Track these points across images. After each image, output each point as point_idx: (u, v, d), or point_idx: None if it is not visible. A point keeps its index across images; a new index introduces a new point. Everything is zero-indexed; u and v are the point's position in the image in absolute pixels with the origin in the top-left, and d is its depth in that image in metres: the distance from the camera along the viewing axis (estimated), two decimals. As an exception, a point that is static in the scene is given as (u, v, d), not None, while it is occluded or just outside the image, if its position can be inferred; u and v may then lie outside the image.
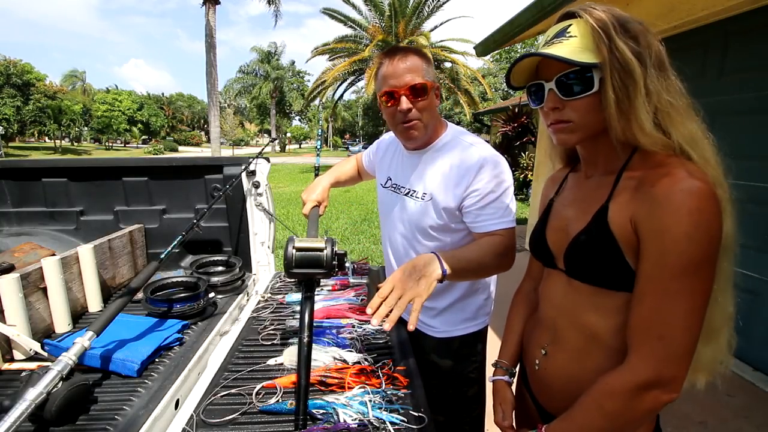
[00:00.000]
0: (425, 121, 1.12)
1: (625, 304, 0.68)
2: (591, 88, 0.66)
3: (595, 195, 0.74)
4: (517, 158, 9.81)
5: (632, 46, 0.64)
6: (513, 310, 1.01)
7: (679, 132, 0.65)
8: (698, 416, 2.09)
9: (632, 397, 0.63)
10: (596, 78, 0.66)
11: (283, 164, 22.51)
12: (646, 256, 0.64)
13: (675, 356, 0.61)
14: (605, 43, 0.64)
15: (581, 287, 0.74)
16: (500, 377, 0.95)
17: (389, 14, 15.31)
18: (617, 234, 0.67)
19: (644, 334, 0.64)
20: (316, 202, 1.31)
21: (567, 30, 0.68)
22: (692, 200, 0.59)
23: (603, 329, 0.72)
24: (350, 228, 6.69)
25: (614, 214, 0.68)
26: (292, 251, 0.77)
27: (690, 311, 0.61)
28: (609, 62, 0.63)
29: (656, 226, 0.62)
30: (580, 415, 0.70)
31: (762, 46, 2.39)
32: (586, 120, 0.69)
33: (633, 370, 0.64)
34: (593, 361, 0.73)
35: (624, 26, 0.65)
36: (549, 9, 3.87)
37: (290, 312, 1.39)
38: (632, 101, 0.64)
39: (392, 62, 1.09)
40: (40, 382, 0.77)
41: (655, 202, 0.62)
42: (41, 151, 36.04)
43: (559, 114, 0.71)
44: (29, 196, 1.76)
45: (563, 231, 0.79)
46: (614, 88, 0.64)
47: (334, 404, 0.87)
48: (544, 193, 0.95)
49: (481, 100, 19.50)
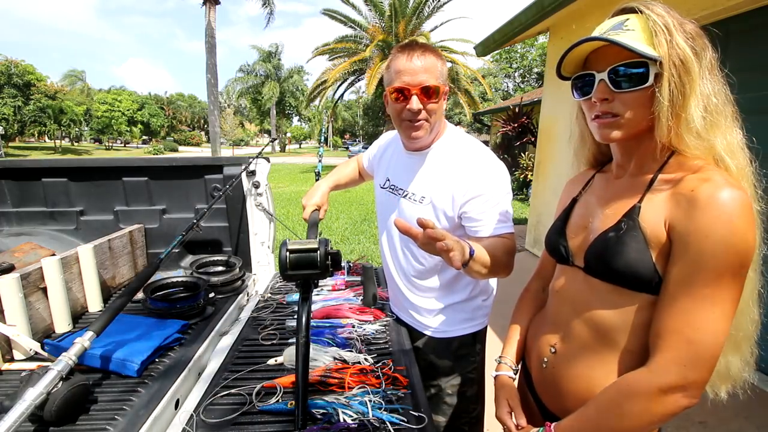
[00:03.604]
0: (432, 123, 1.10)
1: (645, 305, 0.68)
2: (645, 82, 0.66)
3: (625, 195, 0.74)
4: (517, 158, 9.81)
5: (691, 44, 0.64)
6: (520, 307, 1.01)
7: (723, 139, 0.65)
8: (698, 416, 2.09)
9: (654, 399, 0.63)
10: (651, 73, 0.65)
11: (283, 164, 22.52)
12: (680, 259, 0.63)
13: (701, 361, 0.61)
14: (666, 38, 0.64)
15: (599, 285, 0.74)
16: (504, 372, 0.95)
17: (389, 14, 15.30)
18: (648, 234, 0.67)
19: (672, 337, 0.63)
20: (316, 206, 1.31)
21: (624, 23, 0.68)
22: (733, 207, 0.59)
23: (617, 329, 0.71)
24: (350, 228, 6.69)
25: (647, 214, 0.68)
26: (286, 254, 0.77)
27: (720, 317, 0.61)
28: (669, 57, 0.64)
29: (693, 230, 0.61)
30: (594, 414, 0.69)
31: (762, 46, 2.39)
32: (633, 115, 0.69)
33: (658, 372, 0.63)
34: (604, 361, 0.73)
35: (683, 25, 0.66)
36: (549, 9, 3.87)
37: (290, 312, 1.39)
38: (686, 99, 0.64)
39: (409, 57, 1.05)
40: (40, 382, 0.77)
41: (695, 205, 0.62)
42: (41, 151, 36.03)
43: (607, 106, 0.70)
44: (29, 196, 1.76)
45: (585, 229, 0.79)
46: (671, 83, 0.64)
47: (334, 404, 0.87)
48: (565, 193, 0.96)
49: (481, 100, 19.49)
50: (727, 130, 0.66)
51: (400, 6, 15.37)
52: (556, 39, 4.70)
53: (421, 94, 1.05)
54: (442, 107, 1.12)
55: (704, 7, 2.58)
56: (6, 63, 30.39)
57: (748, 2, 2.37)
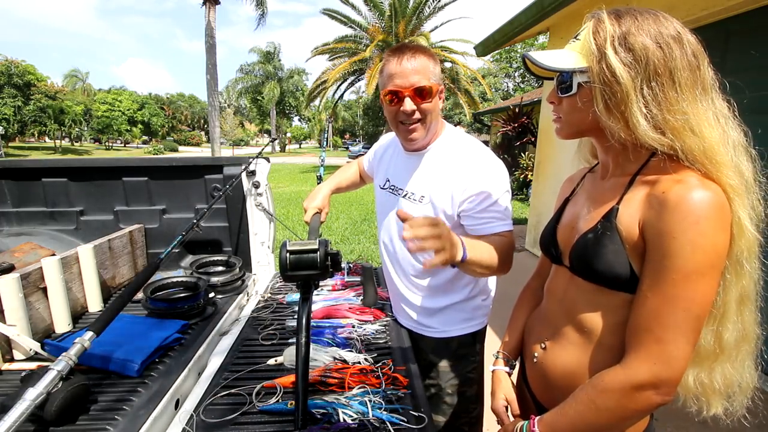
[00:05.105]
0: (428, 123, 1.11)
1: (623, 304, 0.70)
2: (571, 90, 0.72)
3: (607, 196, 0.75)
4: (517, 158, 9.81)
5: (624, 57, 0.65)
6: (518, 305, 1.04)
7: (687, 142, 0.64)
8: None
9: (625, 396, 0.65)
10: (575, 81, 0.71)
11: (283, 164, 22.52)
12: (650, 260, 0.65)
13: (671, 360, 0.62)
14: (594, 54, 0.67)
15: (583, 285, 0.76)
16: (500, 367, 0.97)
17: (389, 14, 15.30)
18: (624, 235, 0.68)
19: (643, 336, 0.65)
20: (317, 209, 1.33)
21: (580, 32, 0.72)
22: (702, 208, 0.60)
23: (600, 327, 0.73)
24: (350, 228, 6.69)
25: (623, 216, 0.69)
26: (286, 255, 0.78)
27: (688, 318, 0.62)
28: (597, 70, 0.66)
29: (663, 231, 0.62)
30: (573, 409, 0.71)
31: (762, 46, 2.39)
32: (569, 117, 0.75)
33: (629, 370, 0.65)
34: (588, 358, 0.75)
35: (625, 37, 0.65)
36: (549, 9, 3.87)
37: (290, 312, 1.40)
38: (627, 105, 0.65)
39: (400, 61, 1.07)
40: (40, 382, 0.77)
41: (665, 207, 0.62)
42: (41, 151, 36.05)
43: (555, 108, 0.78)
44: (29, 196, 1.76)
45: (572, 228, 0.81)
46: (603, 92, 0.66)
47: (334, 404, 0.87)
48: (560, 192, 0.97)
49: (481, 100, 19.49)
50: (695, 134, 0.64)
51: (400, 6, 15.37)
52: (556, 39, 4.70)
53: (414, 95, 1.07)
54: (437, 106, 1.12)
55: (704, 7, 2.58)
56: (6, 63, 30.40)
57: (748, 2, 2.37)
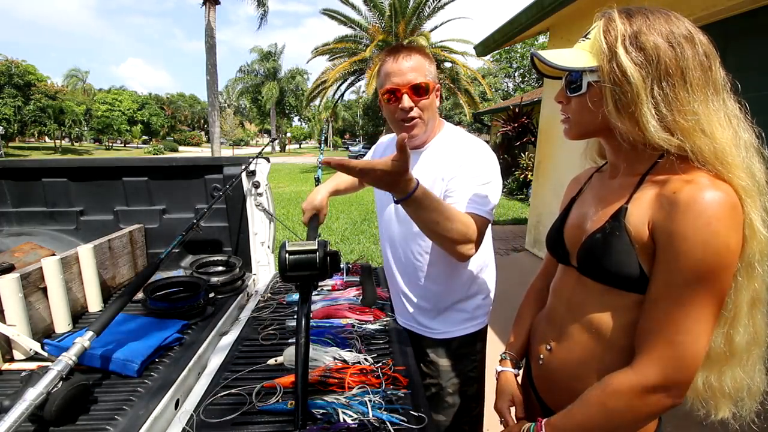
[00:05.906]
0: (426, 120, 1.13)
1: (633, 305, 0.69)
2: (580, 89, 0.71)
3: (616, 196, 0.74)
4: (517, 158, 9.81)
5: (635, 56, 0.64)
6: (524, 305, 1.03)
7: (698, 142, 0.64)
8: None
9: (636, 398, 0.64)
10: (584, 81, 0.70)
11: (283, 164, 22.52)
12: (661, 261, 0.64)
13: (683, 362, 0.62)
14: (605, 53, 0.66)
15: (591, 285, 0.75)
16: (507, 368, 0.96)
17: (389, 14, 15.30)
18: (633, 235, 0.67)
19: (654, 338, 0.64)
20: (316, 210, 1.33)
21: (590, 31, 0.71)
22: (714, 209, 0.59)
23: (609, 328, 0.72)
24: (350, 228, 6.69)
25: (633, 216, 0.68)
26: (285, 255, 0.78)
27: (700, 319, 0.61)
28: (607, 69, 0.65)
29: (674, 232, 0.62)
30: (581, 411, 0.70)
31: (762, 46, 2.39)
32: (578, 117, 0.74)
33: (640, 372, 0.64)
34: (596, 359, 0.74)
35: (637, 36, 0.65)
36: (549, 9, 3.87)
37: (290, 312, 1.39)
38: (638, 105, 0.64)
39: (396, 60, 1.10)
40: (40, 382, 0.77)
41: (676, 207, 0.62)
42: (41, 151, 36.03)
43: (564, 108, 0.77)
44: (29, 196, 1.76)
45: (580, 228, 0.80)
46: (613, 91, 0.65)
47: (334, 404, 0.87)
48: (566, 192, 0.97)
49: (481, 100, 19.47)
50: (707, 134, 0.64)
51: (400, 6, 15.37)
52: (556, 39, 4.70)
53: (411, 93, 1.09)
54: (434, 103, 1.14)
55: (704, 7, 2.58)
56: (6, 63, 30.41)
57: (748, 2, 2.37)
